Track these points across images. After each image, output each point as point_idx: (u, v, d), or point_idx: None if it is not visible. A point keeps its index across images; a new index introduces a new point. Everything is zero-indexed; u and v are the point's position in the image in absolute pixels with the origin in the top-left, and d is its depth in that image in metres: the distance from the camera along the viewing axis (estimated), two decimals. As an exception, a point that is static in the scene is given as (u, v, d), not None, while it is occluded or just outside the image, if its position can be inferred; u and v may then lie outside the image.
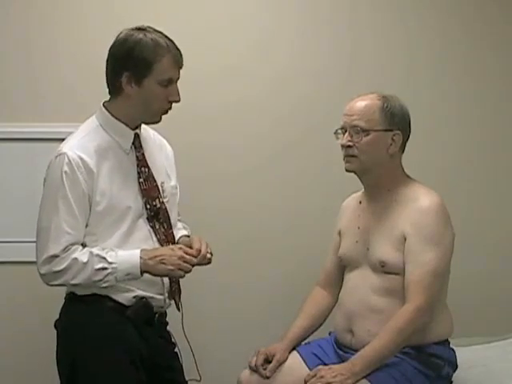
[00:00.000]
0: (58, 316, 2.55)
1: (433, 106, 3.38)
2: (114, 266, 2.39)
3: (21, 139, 3.19)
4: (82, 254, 2.38)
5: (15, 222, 3.19)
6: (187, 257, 2.44)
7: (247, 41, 3.31)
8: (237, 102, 3.30)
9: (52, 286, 2.45)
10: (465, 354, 2.74)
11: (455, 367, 2.61)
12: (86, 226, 2.43)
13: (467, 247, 3.17)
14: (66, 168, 2.38)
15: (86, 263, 2.37)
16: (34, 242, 3.10)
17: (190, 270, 2.45)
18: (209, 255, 2.50)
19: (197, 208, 3.08)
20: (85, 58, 3.20)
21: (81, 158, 2.39)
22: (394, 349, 2.46)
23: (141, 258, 2.41)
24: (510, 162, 3.46)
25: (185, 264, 2.43)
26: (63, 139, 2.52)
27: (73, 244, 2.39)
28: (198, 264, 2.48)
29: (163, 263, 2.42)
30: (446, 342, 2.60)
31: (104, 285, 2.41)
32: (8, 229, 3.20)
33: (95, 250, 2.40)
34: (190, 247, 2.50)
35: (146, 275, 2.43)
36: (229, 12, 3.31)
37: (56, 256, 2.38)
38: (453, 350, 2.62)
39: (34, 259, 3.06)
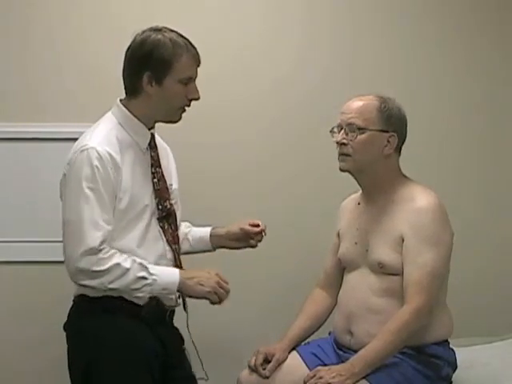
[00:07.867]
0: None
1: (432, 106, 3.37)
2: (154, 277, 2.36)
3: (21, 139, 3.18)
4: (124, 260, 2.34)
5: (15, 221, 3.19)
6: (223, 283, 2.44)
7: (247, 41, 3.31)
8: (237, 102, 3.30)
9: (79, 284, 2.38)
10: (465, 354, 2.73)
11: (455, 367, 2.61)
12: None
13: (467, 247, 3.17)
14: (96, 163, 2.34)
15: (128, 269, 2.33)
16: (33, 241, 3.10)
17: (224, 298, 2.45)
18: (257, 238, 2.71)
19: (196, 208, 3.07)
20: (85, 58, 3.20)
21: (109, 154, 2.37)
22: (393, 349, 2.45)
23: (180, 276, 2.40)
24: (509, 162, 3.45)
25: (221, 290, 2.43)
26: (63, 139, 2.50)
27: (106, 239, 2.34)
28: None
29: (201, 285, 2.42)
30: (445, 343, 2.59)
31: (139, 294, 2.37)
32: (8, 229, 3.19)
33: (137, 259, 2.37)
34: (253, 225, 2.69)
35: None
36: (229, 12, 3.31)
37: (94, 249, 2.31)
38: (453, 350, 2.62)
39: (34, 259, 3.07)
